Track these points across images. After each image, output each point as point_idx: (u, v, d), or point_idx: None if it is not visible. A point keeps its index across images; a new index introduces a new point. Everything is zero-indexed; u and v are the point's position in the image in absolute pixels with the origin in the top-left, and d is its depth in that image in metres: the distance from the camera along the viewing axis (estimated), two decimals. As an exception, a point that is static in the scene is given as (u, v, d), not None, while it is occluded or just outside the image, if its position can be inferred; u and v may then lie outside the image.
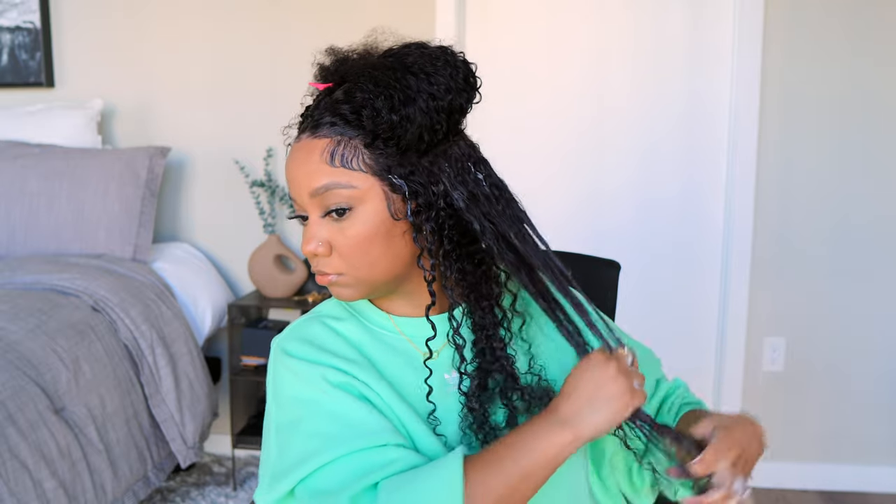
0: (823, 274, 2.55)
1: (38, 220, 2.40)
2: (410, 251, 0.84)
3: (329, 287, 0.85)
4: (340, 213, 0.81)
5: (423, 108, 0.79)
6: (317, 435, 0.80)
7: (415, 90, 0.79)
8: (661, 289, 2.67)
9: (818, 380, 2.59)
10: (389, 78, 0.79)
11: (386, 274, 0.83)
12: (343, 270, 0.83)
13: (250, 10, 2.66)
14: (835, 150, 2.51)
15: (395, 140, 0.79)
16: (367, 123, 0.79)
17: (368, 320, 0.90)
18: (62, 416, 1.80)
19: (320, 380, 0.82)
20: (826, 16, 2.46)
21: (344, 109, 0.80)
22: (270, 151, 2.64)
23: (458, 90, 0.81)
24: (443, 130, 0.81)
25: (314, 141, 0.81)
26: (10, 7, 2.72)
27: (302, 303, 2.53)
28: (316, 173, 0.80)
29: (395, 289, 0.87)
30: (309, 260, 0.85)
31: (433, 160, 0.81)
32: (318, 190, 0.81)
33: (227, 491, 2.52)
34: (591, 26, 2.61)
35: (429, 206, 0.81)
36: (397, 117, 0.78)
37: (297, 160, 0.83)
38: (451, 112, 0.81)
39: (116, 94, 2.75)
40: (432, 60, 0.81)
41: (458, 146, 0.84)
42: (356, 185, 0.80)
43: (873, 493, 2.57)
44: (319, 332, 0.87)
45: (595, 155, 2.66)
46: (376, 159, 0.80)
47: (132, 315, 2.14)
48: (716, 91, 2.58)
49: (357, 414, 0.80)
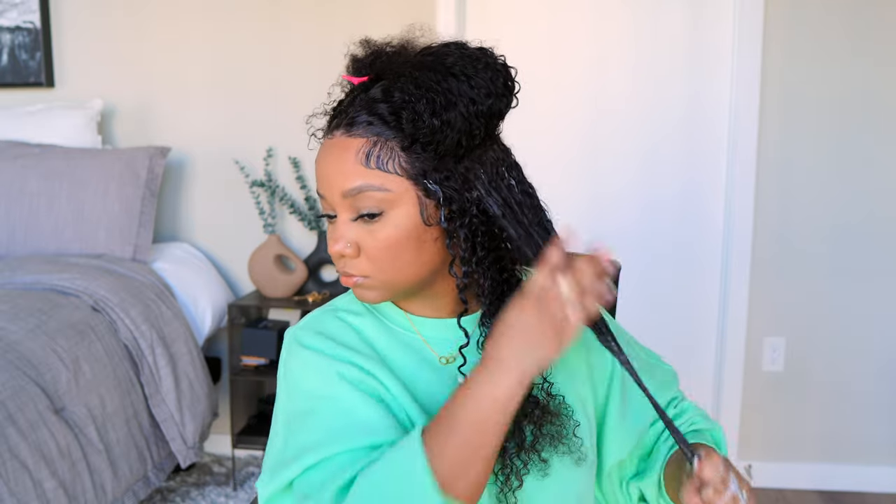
0: (823, 274, 2.55)
1: (38, 220, 2.40)
2: (440, 257, 0.82)
3: (353, 289, 0.83)
4: (371, 217, 0.79)
5: (464, 114, 0.77)
6: (323, 429, 0.79)
7: (456, 94, 0.77)
8: (661, 289, 2.67)
9: (818, 380, 2.59)
10: (430, 80, 0.77)
11: (412, 279, 0.82)
12: (369, 273, 0.81)
13: (250, 10, 2.66)
14: (835, 150, 2.51)
15: (433, 145, 0.77)
16: (406, 126, 0.76)
17: (385, 317, 0.89)
18: (62, 416, 1.80)
19: (333, 374, 0.81)
20: (826, 16, 2.46)
21: (382, 109, 0.77)
22: (270, 151, 2.64)
23: (497, 95, 0.79)
24: (480, 136, 0.79)
25: (349, 140, 0.79)
26: (10, 7, 2.72)
27: (302, 303, 2.53)
28: (350, 174, 0.78)
29: (417, 292, 0.85)
30: (334, 260, 0.83)
31: (469, 166, 0.79)
32: (350, 191, 0.78)
33: (227, 491, 2.52)
34: (591, 27, 2.61)
35: (462, 212, 0.79)
36: (438, 122, 0.76)
37: (331, 158, 0.80)
38: (489, 117, 0.79)
39: (116, 94, 2.75)
40: (473, 62, 0.79)
41: (493, 151, 0.82)
42: (390, 189, 0.78)
43: (873, 493, 2.57)
44: (335, 326, 0.86)
45: (595, 155, 2.66)
46: (412, 163, 0.77)
47: (132, 315, 2.14)
48: (716, 91, 2.58)
49: (365, 411, 0.80)
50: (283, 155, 2.68)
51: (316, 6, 2.63)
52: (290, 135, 2.66)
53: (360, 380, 0.82)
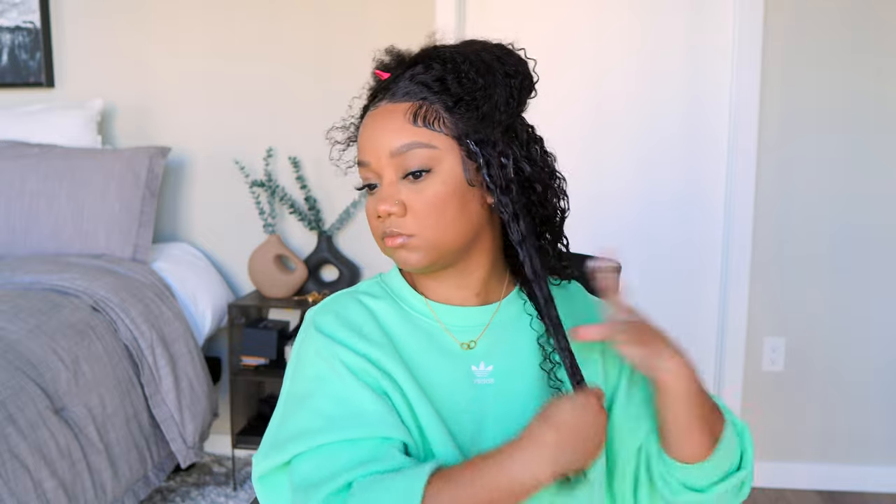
0: (823, 274, 2.55)
1: (38, 220, 2.40)
2: (480, 221, 0.85)
3: (395, 253, 0.84)
4: (417, 176, 0.82)
5: (501, 81, 0.83)
6: (320, 414, 0.81)
7: (490, 64, 0.83)
8: (661, 289, 2.67)
9: (818, 380, 2.59)
10: (468, 53, 0.84)
11: (455, 240, 0.84)
12: (415, 232, 0.82)
13: (250, 10, 2.66)
14: (835, 150, 2.51)
15: (476, 104, 0.82)
16: (452, 86, 0.81)
17: (405, 302, 0.90)
18: (62, 416, 1.80)
19: (337, 361, 0.82)
20: (826, 16, 2.46)
21: (425, 79, 0.82)
22: (270, 151, 2.64)
23: (525, 74, 0.87)
24: (514, 105, 0.85)
25: (396, 105, 0.83)
26: (10, 7, 2.72)
27: (302, 303, 2.53)
28: (399, 131, 0.82)
29: (455, 262, 0.87)
30: (374, 226, 0.85)
31: (504, 133, 0.84)
32: (400, 149, 0.82)
33: (227, 491, 2.52)
34: (591, 26, 2.61)
35: (502, 177, 0.83)
36: (483, 81, 0.82)
37: (377, 121, 0.84)
38: (521, 90, 0.86)
39: (116, 94, 2.75)
40: (499, 48, 0.87)
41: (521, 124, 0.88)
42: (437, 146, 0.82)
43: (872, 493, 2.57)
44: (353, 309, 0.87)
45: (595, 154, 2.66)
46: (456, 123, 0.82)
47: (132, 315, 2.14)
48: (716, 91, 2.58)
49: (363, 402, 0.81)
50: (283, 155, 2.68)
51: (316, 6, 2.63)
52: (290, 135, 2.66)
53: (364, 369, 0.82)
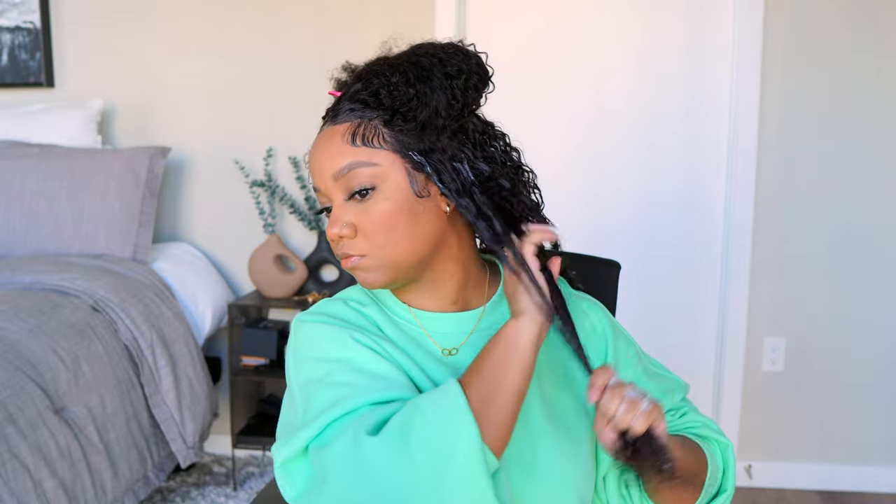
0: (823, 274, 2.55)
1: (38, 220, 2.40)
2: (436, 232, 0.84)
3: (353, 273, 0.85)
4: (363, 195, 0.82)
5: (439, 85, 0.81)
6: (343, 384, 0.80)
7: (428, 69, 0.82)
8: (661, 289, 2.67)
9: (818, 380, 2.59)
10: (404, 62, 0.83)
11: (410, 255, 0.83)
12: (366, 252, 0.83)
13: (250, 10, 2.66)
14: (835, 150, 2.51)
15: (412, 114, 0.81)
16: (385, 100, 0.81)
17: (390, 310, 0.90)
18: (62, 416, 1.80)
19: (348, 338, 0.83)
20: (826, 16, 2.46)
21: (362, 95, 0.82)
22: (270, 151, 2.64)
23: (470, 71, 0.84)
24: (458, 107, 0.83)
25: (335, 127, 0.83)
26: (10, 7, 2.72)
27: (302, 303, 2.53)
28: (338, 155, 0.82)
29: (418, 276, 0.86)
30: (333, 247, 0.85)
31: (451, 137, 0.83)
32: (341, 171, 0.82)
33: (227, 491, 2.52)
34: (591, 26, 2.61)
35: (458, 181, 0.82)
36: (414, 91, 0.81)
37: (319, 147, 0.84)
38: (465, 90, 0.83)
39: (116, 94, 2.75)
40: (443, 48, 0.84)
41: (474, 124, 0.86)
42: (378, 163, 0.81)
43: (872, 493, 2.57)
44: (343, 311, 0.88)
45: (595, 154, 2.66)
46: (396, 136, 0.81)
47: (132, 315, 2.14)
48: (716, 91, 2.58)
49: (381, 369, 0.81)
50: (283, 155, 2.68)
51: (316, 6, 2.63)
52: (290, 135, 2.66)
53: (374, 345, 0.83)
